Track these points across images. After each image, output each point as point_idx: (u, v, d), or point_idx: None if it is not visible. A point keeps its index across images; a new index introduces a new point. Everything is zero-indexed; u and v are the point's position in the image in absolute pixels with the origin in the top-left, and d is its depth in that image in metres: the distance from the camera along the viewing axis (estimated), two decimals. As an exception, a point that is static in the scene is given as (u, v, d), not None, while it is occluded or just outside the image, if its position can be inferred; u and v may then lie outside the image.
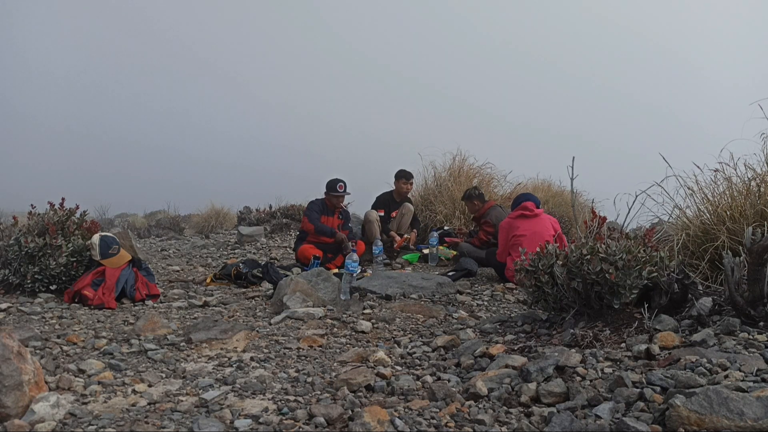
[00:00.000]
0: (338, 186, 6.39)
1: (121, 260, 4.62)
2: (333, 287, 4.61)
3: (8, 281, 4.41)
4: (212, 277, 5.48)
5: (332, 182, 6.45)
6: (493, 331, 3.45)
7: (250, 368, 2.88)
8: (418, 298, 4.54)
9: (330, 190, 6.42)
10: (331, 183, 6.45)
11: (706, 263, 3.64)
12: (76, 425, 2.13)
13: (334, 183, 6.43)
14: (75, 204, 5.02)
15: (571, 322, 3.10)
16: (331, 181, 6.46)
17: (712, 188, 4.19)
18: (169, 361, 2.97)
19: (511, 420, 2.08)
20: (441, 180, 8.27)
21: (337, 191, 6.38)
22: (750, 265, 2.70)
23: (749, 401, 1.74)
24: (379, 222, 6.96)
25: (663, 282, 3.04)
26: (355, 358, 2.98)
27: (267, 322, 3.86)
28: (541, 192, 8.67)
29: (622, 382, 2.14)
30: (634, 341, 2.62)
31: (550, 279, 3.22)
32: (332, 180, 6.47)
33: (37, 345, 3.13)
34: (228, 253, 7.77)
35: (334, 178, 6.49)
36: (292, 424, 2.12)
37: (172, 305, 4.41)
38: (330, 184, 6.45)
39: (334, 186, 6.41)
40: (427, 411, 2.21)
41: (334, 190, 6.39)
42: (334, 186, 6.41)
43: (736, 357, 2.22)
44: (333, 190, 6.40)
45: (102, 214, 12.38)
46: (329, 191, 6.43)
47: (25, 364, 2.24)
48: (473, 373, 2.69)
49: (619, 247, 3.03)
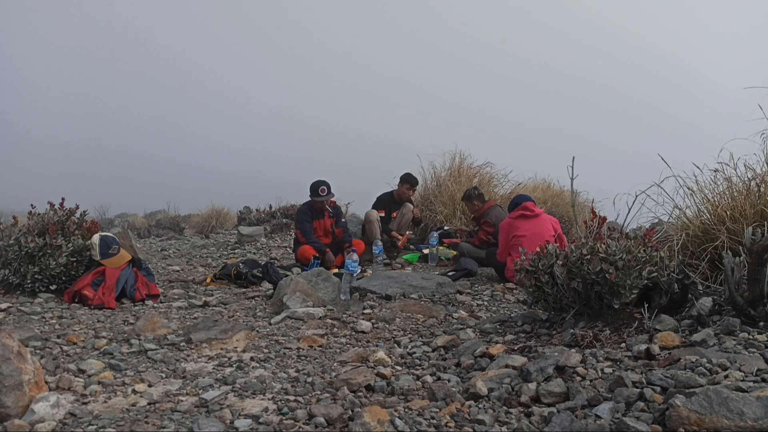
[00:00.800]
0: (320, 190, 6.28)
1: (121, 260, 4.62)
2: (333, 287, 4.61)
3: (8, 281, 4.41)
4: (212, 277, 5.48)
5: (314, 185, 6.33)
6: (493, 331, 3.45)
7: (250, 368, 2.88)
8: (418, 298, 4.54)
9: (312, 195, 6.33)
10: (314, 186, 6.33)
11: (706, 263, 3.64)
12: (76, 425, 2.13)
13: (316, 187, 6.31)
14: (75, 204, 5.02)
15: (571, 322, 3.10)
16: (314, 185, 6.34)
17: (711, 188, 4.19)
18: (169, 361, 2.97)
19: (511, 420, 2.08)
20: (441, 180, 8.27)
21: (319, 195, 6.28)
22: (750, 265, 2.70)
23: (749, 401, 1.74)
24: (380, 222, 6.95)
25: (663, 282, 3.04)
26: (355, 358, 2.98)
27: (267, 322, 3.86)
28: (541, 192, 8.66)
29: (622, 382, 2.14)
30: (634, 341, 2.62)
31: (550, 279, 3.22)
32: (314, 183, 6.35)
33: (37, 345, 3.13)
34: (228, 253, 7.77)
35: (316, 180, 6.37)
36: (292, 424, 2.12)
37: (172, 305, 4.41)
38: (312, 187, 6.34)
39: (315, 190, 6.30)
40: (427, 411, 2.21)
41: (316, 194, 6.29)
42: (315, 190, 6.30)
43: (736, 357, 2.22)
44: (315, 194, 6.30)
45: (102, 214, 12.38)
46: (312, 195, 6.34)
47: (25, 364, 2.24)
48: (473, 373, 2.69)
49: (619, 247, 3.03)
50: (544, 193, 8.72)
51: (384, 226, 7.01)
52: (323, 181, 6.36)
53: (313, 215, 6.40)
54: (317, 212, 6.42)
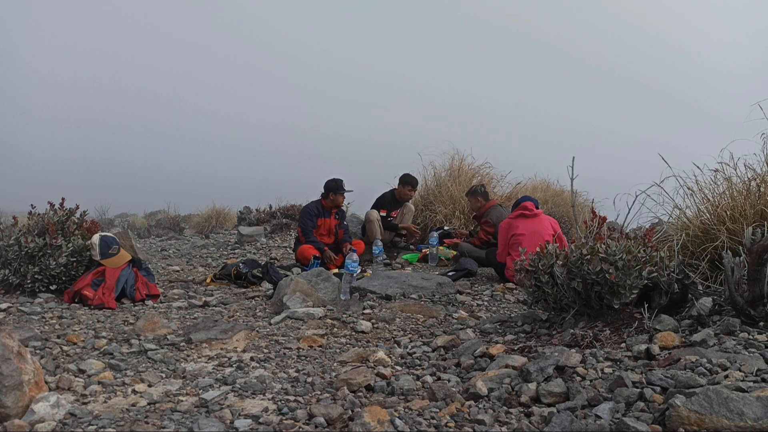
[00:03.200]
0: (343, 184, 6.32)
1: (121, 260, 4.62)
2: (333, 287, 4.61)
3: (8, 281, 4.41)
4: (212, 277, 5.48)
5: (336, 182, 6.35)
6: (493, 331, 3.45)
7: (250, 368, 2.88)
8: (418, 298, 4.54)
9: (336, 191, 6.32)
10: (335, 183, 6.35)
11: (706, 263, 3.64)
12: (76, 425, 2.13)
13: (340, 182, 6.34)
14: (75, 204, 5.02)
15: (571, 322, 3.10)
16: (335, 181, 6.36)
17: (711, 188, 4.19)
18: (169, 361, 2.97)
19: (511, 420, 2.09)
20: (440, 180, 8.27)
21: (343, 189, 6.32)
22: (750, 265, 2.70)
23: (749, 401, 1.74)
24: (380, 222, 6.97)
25: (663, 282, 3.04)
26: (355, 358, 2.98)
27: (267, 322, 3.86)
28: (541, 192, 8.67)
29: (622, 382, 2.14)
30: (634, 341, 2.62)
31: (550, 279, 3.22)
32: (335, 180, 6.37)
33: (37, 345, 3.13)
34: (228, 253, 7.76)
35: (334, 178, 6.40)
36: (292, 424, 2.12)
37: (172, 305, 4.41)
38: (334, 184, 6.35)
39: (339, 185, 6.32)
40: (427, 411, 2.21)
41: (341, 189, 6.31)
42: (339, 185, 6.32)
43: (736, 357, 2.22)
44: (339, 189, 6.31)
45: (102, 215, 12.36)
46: (335, 191, 6.32)
47: (25, 364, 2.24)
48: (473, 373, 2.69)
49: (619, 247, 3.03)
50: (545, 192, 8.73)
51: (390, 224, 7.07)
52: (341, 178, 6.39)
53: (320, 213, 6.40)
54: (326, 210, 6.43)
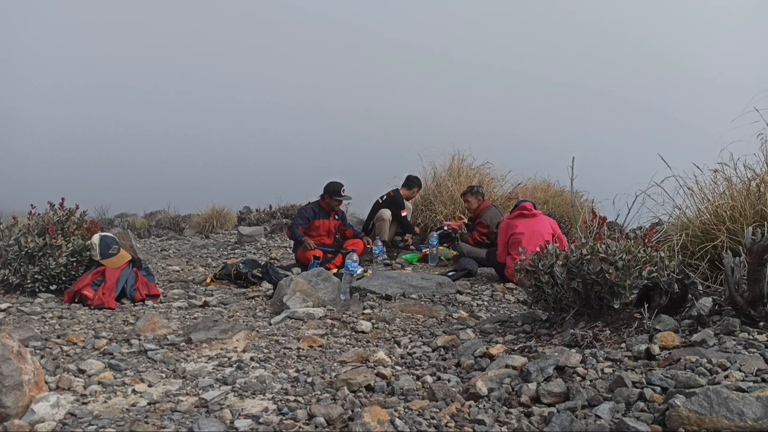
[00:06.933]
0: (342, 190, 6.30)
1: (121, 260, 4.62)
2: (333, 287, 4.61)
3: (8, 281, 4.41)
4: (212, 277, 5.48)
5: (335, 185, 6.33)
6: (493, 331, 3.45)
7: (250, 368, 2.88)
8: (418, 298, 4.54)
9: (333, 194, 6.29)
10: (335, 187, 6.31)
11: (706, 263, 3.64)
12: (76, 425, 2.13)
13: (339, 187, 6.31)
14: (75, 204, 5.02)
15: (571, 322, 3.10)
16: (335, 185, 6.33)
17: (711, 188, 4.19)
18: (169, 361, 2.97)
19: (511, 420, 2.09)
20: (440, 180, 8.28)
21: (341, 195, 6.29)
22: (750, 265, 2.70)
23: (749, 401, 1.74)
24: (391, 222, 7.06)
25: (663, 282, 3.04)
26: (355, 358, 2.98)
27: (267, 322, 3.86)
28: (541, 192, 8.67)
29: (622, 382, 2.14)
30: (634, 341, 2.62)
31: (550, 279, 3.22)
32: (335, 183, 6.35)
33: (37, 345, 3.13)
34: (228, 253, 7.76)
35: (334, 181, 6.37)
36: (292, 424, 2.12)
37: (172, 305, 4.41)
38: (333, 188, 6.31)
39: (338, 190, 6.29)
40: (427, 411, 2.21)
41: (338, 194, 6.28)
42: (338, 190, 6.29)
43: (736, 357, 2.22)
44: (337, 194, 6.28)
45: (102, 214, 12.34)
46: (332, 195, 6.29)
47: (25, 364, 2.24)
48: (473, 373, 2.69)
49: (619, 247, 3.03)
50: (545, 193, 8.73)
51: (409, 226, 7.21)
52: (341, 182, 6.36)
53: (318, 214, 6.39)
54: (324, 211, 6.42)
